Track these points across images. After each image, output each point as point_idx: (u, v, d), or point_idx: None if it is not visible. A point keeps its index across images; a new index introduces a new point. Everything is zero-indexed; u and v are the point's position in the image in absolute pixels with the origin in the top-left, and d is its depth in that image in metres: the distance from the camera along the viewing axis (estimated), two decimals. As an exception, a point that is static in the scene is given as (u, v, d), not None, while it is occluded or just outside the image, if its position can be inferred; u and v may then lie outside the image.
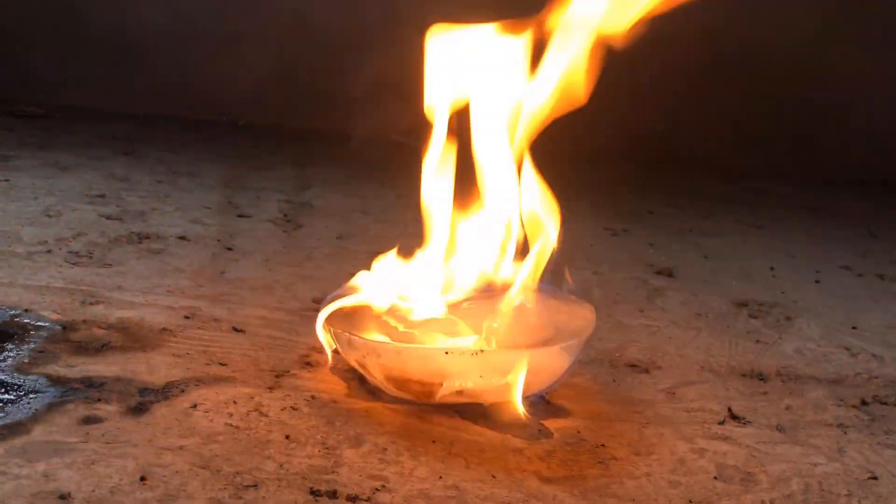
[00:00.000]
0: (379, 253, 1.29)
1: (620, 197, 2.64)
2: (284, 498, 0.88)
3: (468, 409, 1.11)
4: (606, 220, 2.31)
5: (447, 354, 1.07)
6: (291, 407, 1.08)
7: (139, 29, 3.08)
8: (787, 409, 1.25)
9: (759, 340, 1.52)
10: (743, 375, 1.36)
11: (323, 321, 1.16)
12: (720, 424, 1.17)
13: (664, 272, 1.87)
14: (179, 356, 1.19)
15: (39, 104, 2.91)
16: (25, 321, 1.25)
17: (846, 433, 1.19)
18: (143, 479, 0.89)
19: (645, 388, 1.28)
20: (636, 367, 1.35)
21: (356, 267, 1.29)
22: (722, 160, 3.25)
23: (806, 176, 3.20)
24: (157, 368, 1.14)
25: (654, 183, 2.91)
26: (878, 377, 1.41)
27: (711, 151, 3.27)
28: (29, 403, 1.02)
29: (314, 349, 1.26)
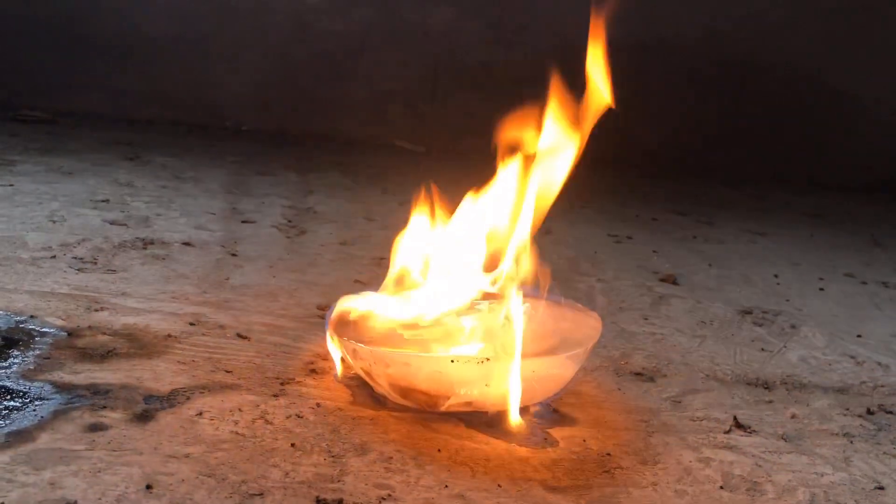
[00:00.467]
0: (382, 259, 1.29)
1: (624, 204, 2.64)
2: (290, 507, 0.88)
3: (474, 417, 1.11)
4: (610, 227, 2.31)
5: (453, 362, 1.07)
6: (297, 415, 1.08)
7: (143, 35, 3.09)
8: (792, 418, 1.25)
9: (763, 349, 1.52)
10: (748, 384, 1.36)
11: (330, 330, 1.16)
12: (726, 433, 1.17)
13: (668, 279, 1.87)
14: (184, 363, 1.19)
15: (44, 109, 2.92)
16: (30, 327, 1.25)
17: (852, 442, 1.19)
18: (149, 487, 0.88)
19: (650, 396, 1.27)
20: (641, 375, 1.35)
21: (360, 273, 1.29)
22: (726, 167, 3.25)
23: (810, 183, 3.20)
24: (162, 375, 1.14)
25: (658, 190, 2.91)
26: (883, 386, 1.40)
27: (715, 158, 3.28)
28: (34, 410, 1.01)
29: (319, 356, 1.26)
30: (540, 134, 1.20)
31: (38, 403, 1.03)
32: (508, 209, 1.23)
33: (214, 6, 3.13)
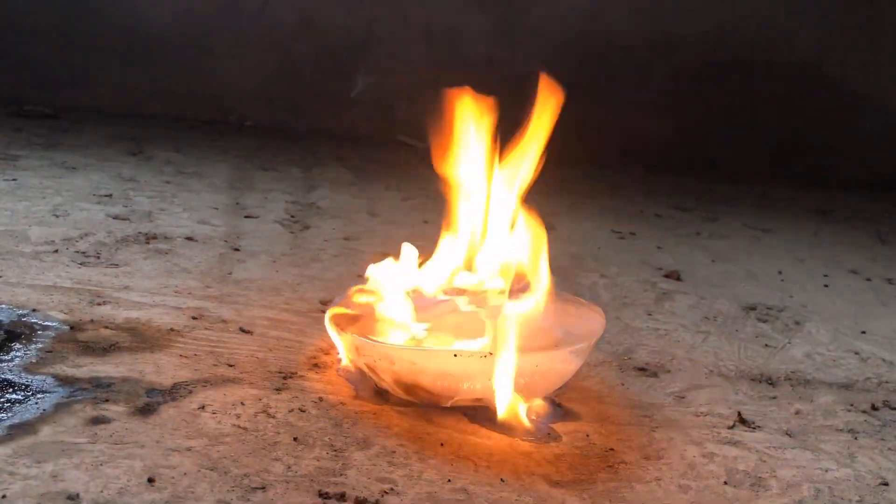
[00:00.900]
0: (386, 254, 1.29)
1: (628, 200, 2.63)
2: (292, 500, 0.88)
3: (477, 411, 1.11)
4: (614, 222, 2.30)
5: (456, 357, 1.07)
6: (299, 409, 1.08)
7: (147, 30, 3.09)
8: (796, 413, 1.24)
9: (767, 344, 1.51)
10: (752, 380, 1.35)
11: (332, 324, 1.16)
12: (730, 429, 1.17)
13: (672, 275, 1.86)
14: (187, 357, 1.19)
15: (47, 104, 2.92)
16: (33, 321, 1.25)
17: (857, 438, 1.18)
18: (150, 480, 0.88)
19: (654, 391, 1.27)
20: (645, 370, 1.34)
21: (363, 268, 1.29)
22: (730, 163, 3.24)
23: (815, 179, 3.19)
24: (164, 369, 1.14)
25: (661, 186, 2.90)
26: (888, 382, 1.40)
27: (719, 154, 3.27)
28: (37, 403, 1.01)
29: (321, 351, 1.26)
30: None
31: (40, 396, 1.03)
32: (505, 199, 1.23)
33: (218, 1, 3.12)
